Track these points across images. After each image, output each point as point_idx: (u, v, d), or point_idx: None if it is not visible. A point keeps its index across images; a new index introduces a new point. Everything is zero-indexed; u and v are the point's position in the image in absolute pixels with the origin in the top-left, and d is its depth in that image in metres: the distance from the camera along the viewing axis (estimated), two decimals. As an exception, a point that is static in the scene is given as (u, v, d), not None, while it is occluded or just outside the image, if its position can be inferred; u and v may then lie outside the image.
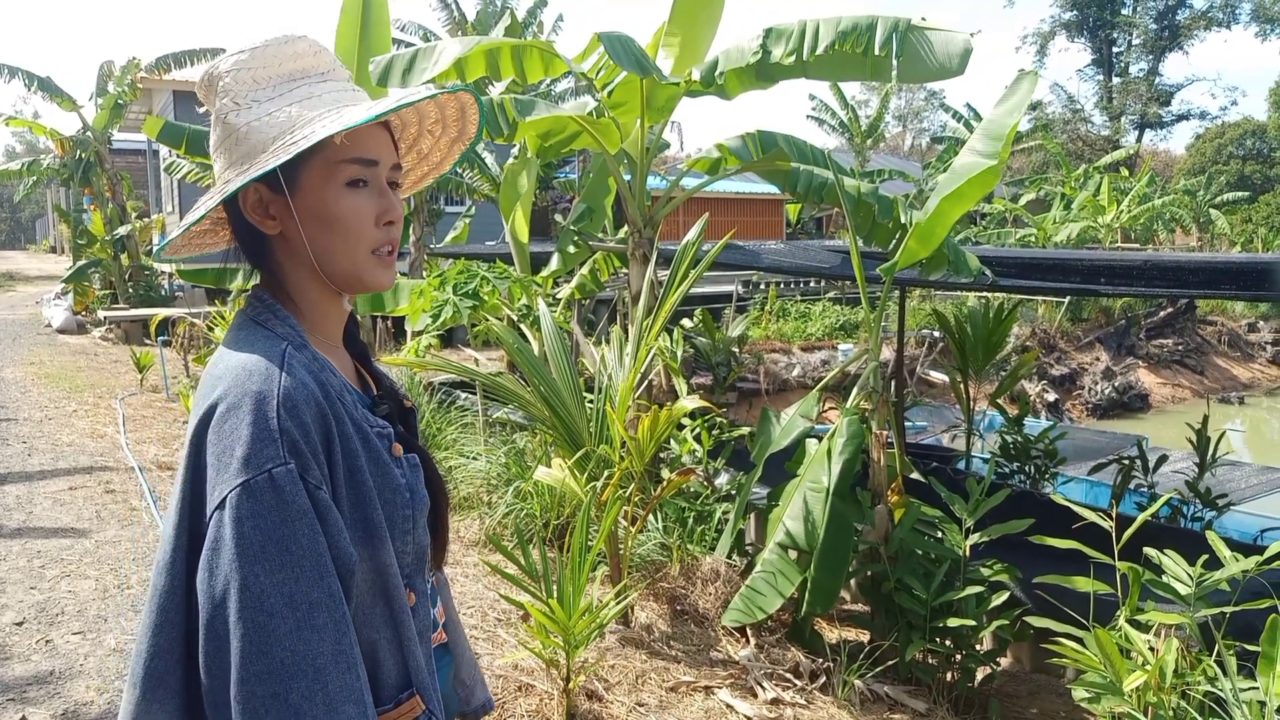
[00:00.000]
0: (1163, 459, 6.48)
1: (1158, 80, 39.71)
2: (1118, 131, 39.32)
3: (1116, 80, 40.22)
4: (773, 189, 19.42)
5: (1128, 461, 6.22)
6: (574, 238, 6.32)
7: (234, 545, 0.91)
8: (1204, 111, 40.66)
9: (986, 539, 3.91)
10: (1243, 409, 18.10)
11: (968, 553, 3.97)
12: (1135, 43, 40.08)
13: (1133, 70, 40.36)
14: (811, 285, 19.17)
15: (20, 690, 3.14)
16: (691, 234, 4.09)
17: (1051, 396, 16.30)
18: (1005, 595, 3.92)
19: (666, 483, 3.86)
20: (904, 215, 4.92)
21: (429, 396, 6.53)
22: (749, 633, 3.99)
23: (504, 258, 7.19)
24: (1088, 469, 7.01)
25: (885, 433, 4.26)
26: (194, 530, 0.96)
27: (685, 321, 9.36)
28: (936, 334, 15.01)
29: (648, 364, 4.56)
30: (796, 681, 3.63)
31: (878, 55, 4.38)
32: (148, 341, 11.74)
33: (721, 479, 5.19)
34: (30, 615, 3.75)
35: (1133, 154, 31.44)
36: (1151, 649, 2.74)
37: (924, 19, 4.40)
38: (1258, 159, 36.85)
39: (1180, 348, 19.51)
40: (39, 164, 15.72)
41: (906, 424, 8.12)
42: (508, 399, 4.34)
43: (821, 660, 3.87)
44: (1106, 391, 16.96)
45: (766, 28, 4.73)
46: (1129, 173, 25.93)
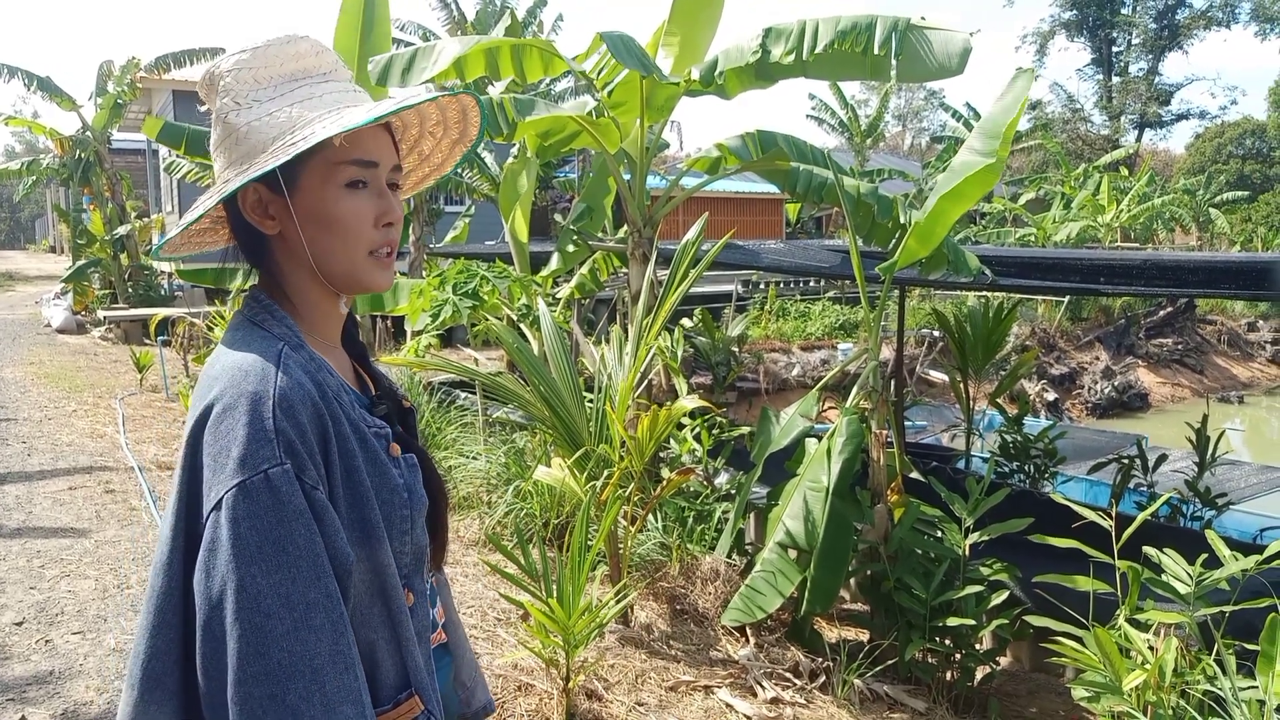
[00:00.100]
0: (1162, 458, 6.49)
1: (1157, 80, 39.72)
2: (1117, 131, 39.32)
3: (1116, 80, 40.23)
4: (772, 188, 19.41)
5: (1127, 461, 6.22)
6: (573, 237, 6.32)
7: (230, 546, 0.90)
8: (1203, 111, 40.70)
9: (986, 538, 3.92)
10: (1242, 408, 18.11)
11: (967, 552, 3.97)
12: (1135, 42, 40.10)
13: (1132, 70, 40.37)
14: (811, 285, 19.17)
15: (20, 690, 3.15)
16: (691, 233, 4.09)
17: (1051, 396, 16.31)
18: (1005, 594, 3.92)
19: (666, 482, 3.86)
20: (903, 215, 4.92)
21: (429, 396, 6.53)
22: (748, 632, 3.99)
23: (504, 257, 7.19)
24: (1087, 468, 7.02)
25: (885, 432, 4.26)
26: (191, 531, 0.96)
27: (685, 321, 9.36)
28: (936, 333, 15.01)
29: (647, 363, 4.56)
30: (796, 681, 3.63)
31: (877, 54, 4.38)
32: (147, 341, 11.74)
33: (721, 478, 5.19)
34: (30, 615, 3.75)
35: (1132, 153, 31.44)
36: (1151, 648, 2.74)
37: (923, 18, 4.40)
38: (1257, 158, 36.85)
39: (1180, 347, 19.52)
40: (38, 164, 15.71)
41: (906, 423, 8.12)
42: (507, 399, 4.34)
43: (821, 659, 3.87)
44: (1106, 391, 16.97)
45: (766, 27, 4.74)
46: (1129, 172, 25.93)
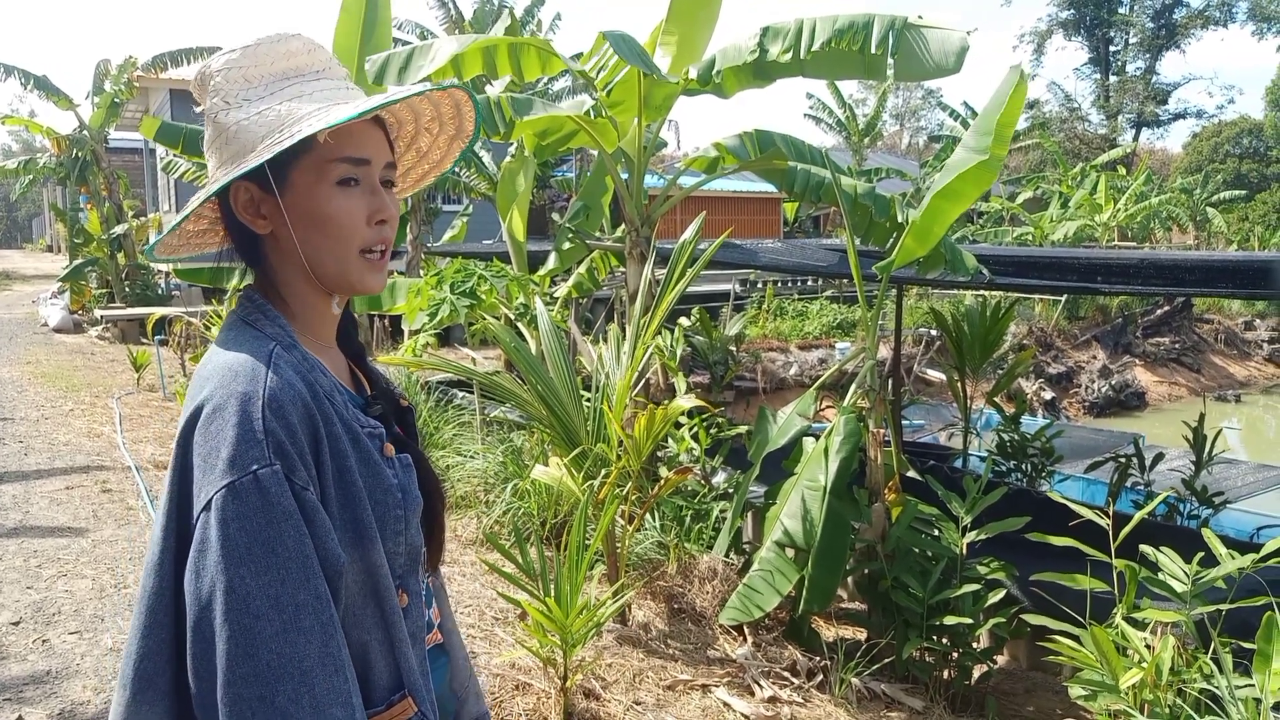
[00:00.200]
0: (1159, 457, 6.49)
1: (1155, 79, 39.78)
2: (1115, 130, 39.36)
3: (1113, 79, 40.27)
4: (770, 188, 19.41)
5: (1124, 459, 6.22)
6: (570, 236, 6.31)
7: (220, 547, 0.90)
8: (1201, 110, 40.76)
9: (983, 537, 3.92)
10: (1239, 407, 18.14)
11: (965, 551, 3.98)
12: (1132, 41, 40.15)
13: (1130, 69, 40.42)
14: (809, 284, 19.16)
15: (17, 690, 3.14)
16: (689, 232, 4.09)
17: (1048, 395, 16.34)
18: (1002, 593, 3.93)
19: (664, 481, 3.86)
20: (901, 214, 4.92)
21: (426, 395, 6.52)
22: (746, 631, 3.99)
23: (501, 256, 7.19)
24: (1084, 467, 7.03)
25: (882, 431, 4.26)
26: (181, 532, 0.96)
27: (683, 320, 9.36)
28: (934, 332, 15.01)
29: (645, 362, 4.56)
30: (794, 679, 3.63)
31: (874, 53, 4.38)
32: (144, 340, 11.71)
33: (719, 477, 5.19)
34: (27, 615, 3.75)
35: (1130, 152, 31.49)
36: (1148, 646, 2.75)
37: (921, 17, 4.40)
38: (1254, 157, 36.87)
39: (1177, 346, 19.55)
40: (35, 163, 15.67)
41: (904, 422, 8.13)
42: (505, 398, 4.34)
43: (819, 658, 3.87)
44: (1103, 389, 16.99)
45: (764, 26, 4.74)
46: (1126, 171, 25.96)
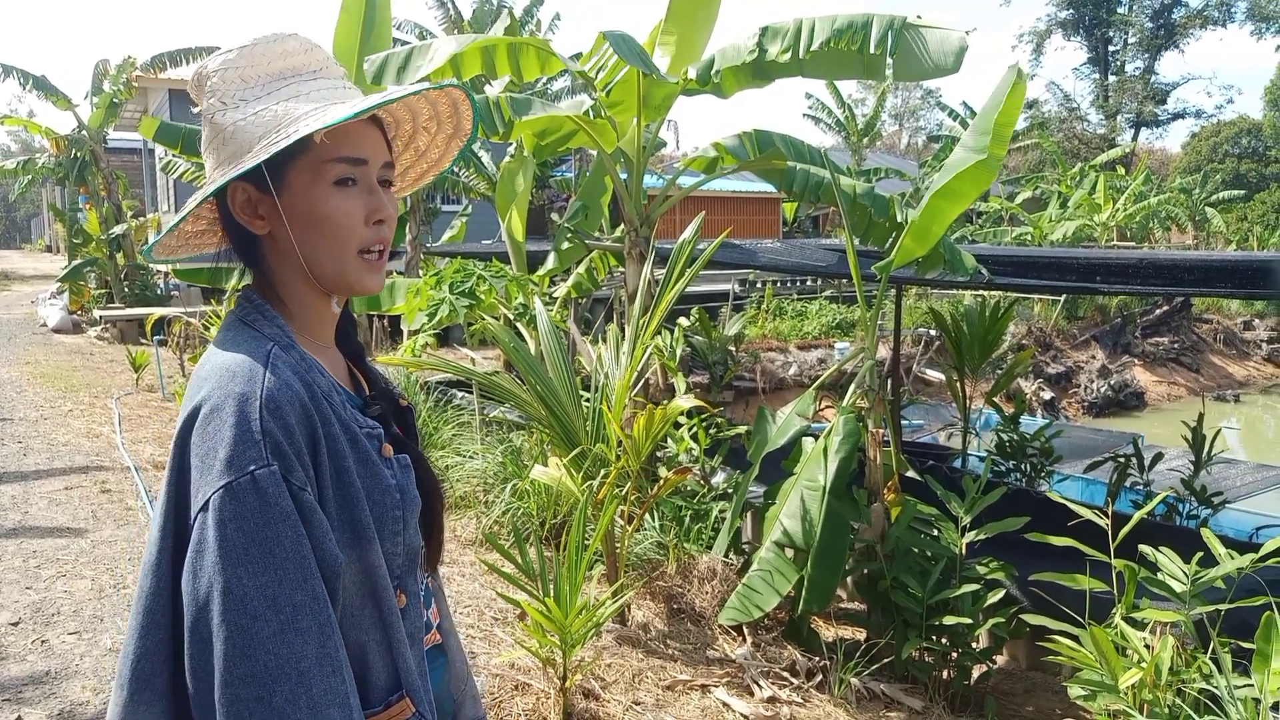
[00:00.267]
0: (1158, 457, 6.50)
1: (1153, 79, 39.81)
2: (1114, 130, 39.39)
3: (1112, 79, 40.30)
4: (769, 188, 19.42)
5: (1123, 459, 6.23)
6: (569, 235, 6.31)
7: (217, 548, 0.90)
8: (1200, 110, 40.82)
9: (983, 537, 3.92)
10: (1238, 407, 18.14)
11: (964, 551, 3.98)
12: (1131, 41, 40.18)
13: (1129, 69, 40.45)
14: (808, 284, 19.16)
15: (16, 690, 3.14)
16: (688, 232, 4.09)
17: (1047, 394, 16.34)
18: (1001, 593, 3.93)
19: (663, 481, 3.85)
20: (900, 214, 4.92)
21: (425, 396, 6.52)
22: (746, 631, 3.99)
23: (501, 257, 7.19)
24: (1084, 467, 7.03)
25: (881, 431, 4.27)
26: (179, 532, 0.96)
27: (682, 320, 9.36)
28: (933, 332, 15.02)
29: (644, 363, 4.56)
30: (793, 680, 3.63)
31: (873, 53, 4.38)
32: (143, 341, 11.70)
33: (718, 478, 5.19)
34: (26, 615, 3.74)
35: (1129, 152, 31.50)
36: (1147, 646, 2.75)
37: (919, 17, 4.40)
38: (1253, 157, 36.89)
39: (1176, 346, 19.56)
40: (34, 163, 15.66)
41: (903, 422, 8.13)
42: (504, 398, 4.34)
43: (818, 658, 3.87)
44: (1102, 389, 17.00)
45: (762, 26, 4.74)
46: (1125, 171, 25.97)
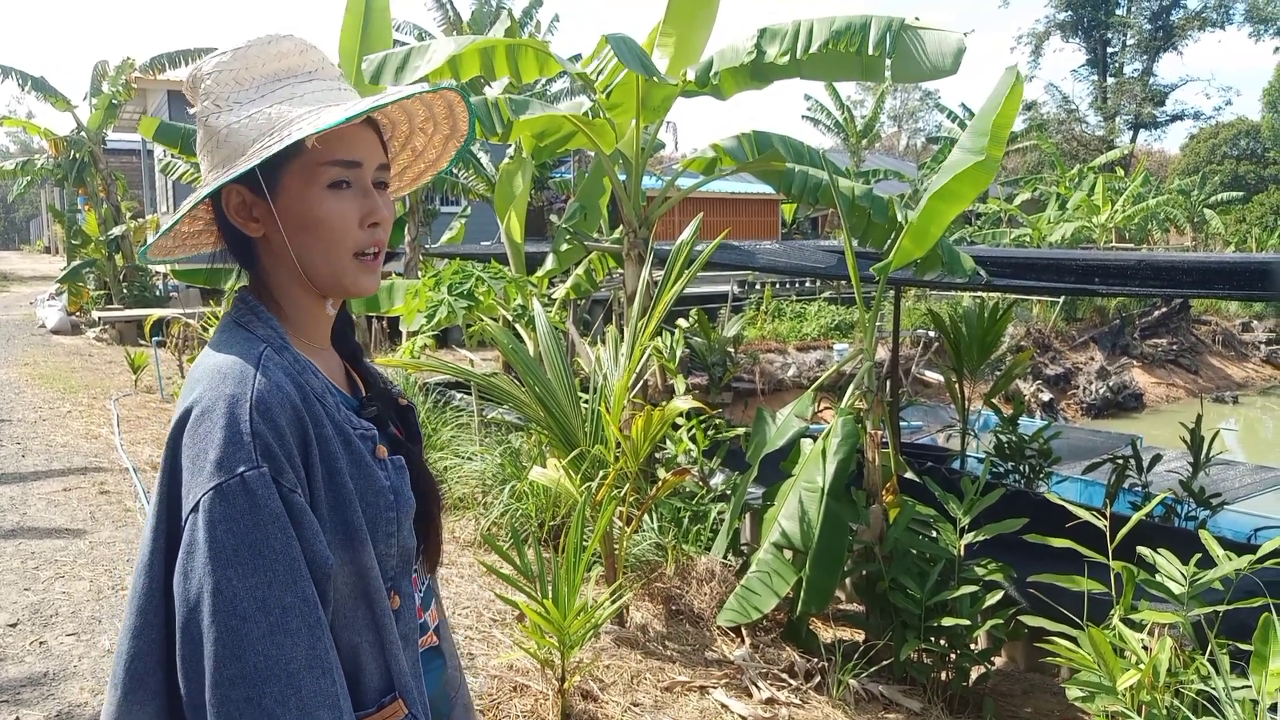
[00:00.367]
0: (1157, 458, 6.50)
1: (1152, 80, 39.83)
2: (1112, 132, 39.41)
3: (1111, 80, 40.32)
4: (768, 189, 19.41)
5: (1122, 461, 6.23)
6: (568, 236, 6.31)
7: (207, 549, 0.90)
8: (1198, 112, 40.89)
9: (981, 538, 3.92)
10: (1237, 408, 18.15)
11: (962, 552, 3.98)
12: (1129, 43, 40.20)
13: (1127, 70, 40.47)
14: (807, 285, 19.17)
15: (14, 692, 3.13)
16: (686, 234, 4.09)
17: (1046, 396, 16.34)
18: (1000, 594, 3.93)
19: (662, 483, 3.86)
20: (899, 215, 4.92)
21: (424, 397, 6.52)
22: (744, 632, 3.99)
23: (499, 258, 7.19)
24: (1082, 468, 7.03)
25: (880, 432, 4.27)
26: (171, 533, 0.96)
27: (681, 321, 9.37)
28: (931, 334, 15.02)
29: (643, 364, 4.56)
30: (791, 681, 3.63)
31: (871, 55, 4.39)
32: (142, 342, 11.71)
33: (717, 479, 5.19)
34: (24, 617, 3.74)
35: (1127, 154, 31.48)
36: (1145, 648, 2.75)
37: (918, 18, 4.41)
38: (1251, 159, 36.91)
39: (1174, 347, 19.56)
40: (33, 164, 15.67)
41: (901, 424, 8.12)
42: (503, 399, 4.34)
43: (817, 660, 3.87)
44: (1101, 391, 17.00)
45: (761, 28, 4.74)
46: (1123, 173, 25.99)
